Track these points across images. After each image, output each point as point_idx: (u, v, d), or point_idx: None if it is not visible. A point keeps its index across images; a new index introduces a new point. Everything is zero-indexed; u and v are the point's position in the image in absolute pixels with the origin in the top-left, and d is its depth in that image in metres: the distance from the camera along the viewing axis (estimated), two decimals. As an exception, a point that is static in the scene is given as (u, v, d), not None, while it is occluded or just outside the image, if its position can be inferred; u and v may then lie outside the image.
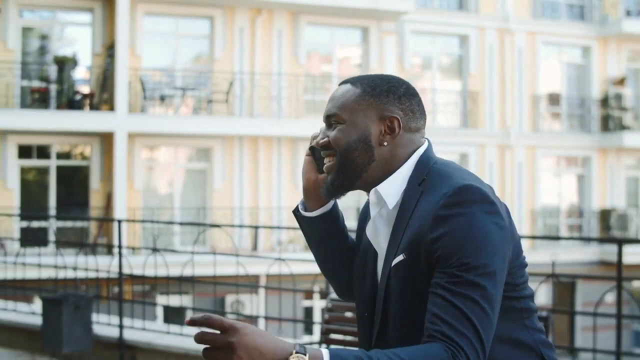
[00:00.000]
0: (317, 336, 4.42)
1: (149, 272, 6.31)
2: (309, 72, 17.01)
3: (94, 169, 15.33)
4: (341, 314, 3.93)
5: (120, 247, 6.14)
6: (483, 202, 1.60)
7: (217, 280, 5.99)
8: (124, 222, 10.31)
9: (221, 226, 6.43)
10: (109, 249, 13.79)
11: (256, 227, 7.67)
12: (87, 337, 5.77)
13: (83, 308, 5.74)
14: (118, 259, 6.13)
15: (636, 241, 16.84)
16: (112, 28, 15.10)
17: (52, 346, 5.78)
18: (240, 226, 6.48)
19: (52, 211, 15.05)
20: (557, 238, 20.43)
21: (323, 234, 1.93)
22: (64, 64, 14.72)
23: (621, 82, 18.92)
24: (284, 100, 16.23)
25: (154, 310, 12.38)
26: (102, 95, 15.13)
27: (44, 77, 15.04)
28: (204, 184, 16.11)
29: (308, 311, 16.02)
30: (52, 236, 13.79)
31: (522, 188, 18.22)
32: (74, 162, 15.95)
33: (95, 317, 6.05)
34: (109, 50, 15.15)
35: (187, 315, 13.34)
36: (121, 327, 5.87)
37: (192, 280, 6.14)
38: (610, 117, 18.75)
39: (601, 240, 20.43)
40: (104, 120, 14.65)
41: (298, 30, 16.59)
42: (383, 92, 1.75)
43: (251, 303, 13.98)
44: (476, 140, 17.85)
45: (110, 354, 5.91)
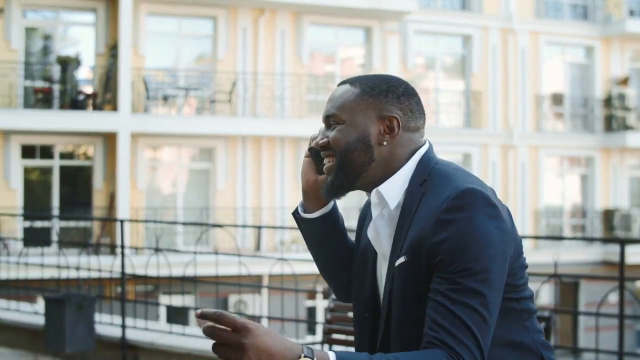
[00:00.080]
0: (320, 336, 4.41)
1: (152, 272, 6.32)
2: (312, 72, 17.01)
3: (97, 169, 15.34)
4: (343, 314, 3.92)
5: (123, 247, 6.14)
6: (485, 205, 1.60)
7: (220, 280, 5.99)
8: (127, 222, 10.31)
9: (224, 226, 6.42)
10: (112, 248, 13.80)
11: (259, 227, 7.68)
12: (89, 337, 5.78)
13: (86, 308, 5.75)
14: (121, 259, 6.12)
15: (639, 241, 16.79)
16: (115, 28, 15.11)
17: (55, 346, 5.79)
18: (243, 226, 6.48)
19: (55, 211, 15.06)
20: (560, 238, 20.40)
21: (323, 235, 1.92)
22: (67, 64, 14.73)
23: (624, 82, 18.89)
24: (287, 101, 16.22)
25: (157, 310, 12.39)
26: (105, 95, 15.15)
27: (47, 77, 15.06)
28: (206, 184, 16.11)
29: (311, 311, 16.02)
30: (55, 236, 13.81)
31: (525, 188, 18.20)
32: (77, 162, 15.96)
33: (97, 317, 6.05)
34: (112, 50, 15.15)
35: (190, 315, 13.34)
36: (124, 327, 5.88)
37: (195, 280, 6.14)
38: (614, 117, 18.72)
39: (604, 241, 20.39)
40: (107, 120, 14.66)
41: (301, 30, 16.58)
42: (382, 92, 1.75)
43: (254, 303, 13.99)
44: (479, 140, 17.83)
45: (112, 354, 5.91)
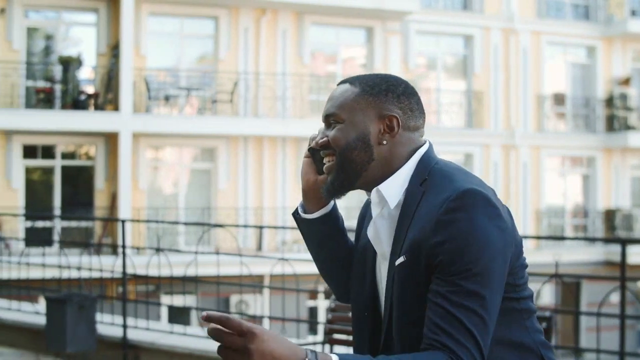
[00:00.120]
0: (321, 336, 4.42)
1: (153, 272, 6.32)
2: (314, 72, 17.00)
3: (99, 169, 15.35)
4: (345, 314, 3.92)
5: (125, 247, 6.15)
6: (485, 205, 1.60)
7: (221, 280, 5.99)
8: (129, 222, 10.30)
9: (225, 226, 6.43)
10: (114, 248, 13.79)
11: (260, 227, 7.69)
12: (91, 336, 5.78)
13: (87, 308, 5.75)
14: (122, 259, 6.13)
15: (641, 241, 16.77)
16: (116, 28, 15.12)
17: (56, 346, 5.79)
18: (245, 226, 6.49)
19: (57, 211, 15.06)
20: (562, 238, 20.39)
21: (323, 235, 1.92)
22: (69, 64, 14.73)
23: (626, 82, 18.88)
24: (289, 100, 16.22)
25: (158, 310, 12.41)
26: (107, 95, 15.15)
27: (48, 77, 15.06)
28: (208, 184, 16.11)
29: (312, 311, 16.02)
30: (56, 236, 13.82)
31: (526, 188, 18.19)
32: (78, 162, 15.96)
33: (99, 317, 6.05)
34: (114, 50, 15.16)
35: (191, 315, 13.35)
36: (125, 327, 5.88)
37: (196, 280, 6.15)
38: (615, 117, 18.71)
39: (605, 241, 20.38)
40: (109, 120, 14.66)
41: (303, 30, 16.58)
42: (382, 91, 1.74)
43: (255, 303, 13.99)
44: (481, 141, 17.82)
45: (114, 354, 5.92)
